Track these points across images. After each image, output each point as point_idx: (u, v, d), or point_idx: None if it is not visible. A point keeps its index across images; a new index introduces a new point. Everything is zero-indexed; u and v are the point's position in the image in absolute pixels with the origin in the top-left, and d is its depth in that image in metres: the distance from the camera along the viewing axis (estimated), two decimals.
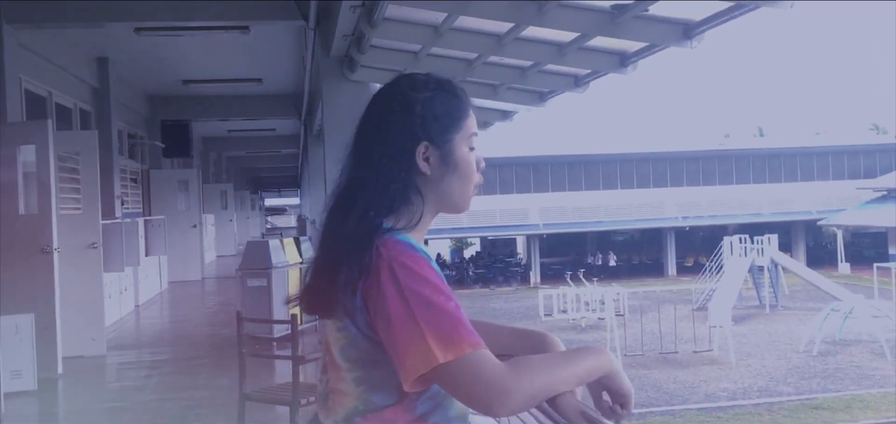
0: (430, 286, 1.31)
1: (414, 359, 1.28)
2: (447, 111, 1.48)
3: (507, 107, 8.50)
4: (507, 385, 1.27)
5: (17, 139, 6.79)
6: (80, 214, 7.75)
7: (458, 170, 1.47)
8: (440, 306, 1.29)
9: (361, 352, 1.37)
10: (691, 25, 4.91)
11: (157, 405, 5.87)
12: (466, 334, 1.29)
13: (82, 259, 7.62)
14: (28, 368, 6.20)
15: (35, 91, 8.68)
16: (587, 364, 1.40)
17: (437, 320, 1.28)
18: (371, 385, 1.37)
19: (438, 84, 1.50)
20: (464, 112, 1.50)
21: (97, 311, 7.77)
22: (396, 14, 5.59)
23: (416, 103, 1.45)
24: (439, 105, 1.47)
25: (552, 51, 5.96)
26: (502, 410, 1.29)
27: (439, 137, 1.46)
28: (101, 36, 9.52)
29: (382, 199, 1.40)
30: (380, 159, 1.42)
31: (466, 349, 1.28)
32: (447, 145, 1.46)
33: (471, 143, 1.50)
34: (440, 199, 1.48)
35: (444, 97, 1.48)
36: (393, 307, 1.30)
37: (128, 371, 7.46)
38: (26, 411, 5.86)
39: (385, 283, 1.31)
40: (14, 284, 6.51)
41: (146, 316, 11.09)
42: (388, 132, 1.44)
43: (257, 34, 9.31)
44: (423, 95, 1.47)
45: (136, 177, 13.83)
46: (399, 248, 1.35)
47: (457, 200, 1.49)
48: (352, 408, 1.39)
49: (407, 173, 1.43)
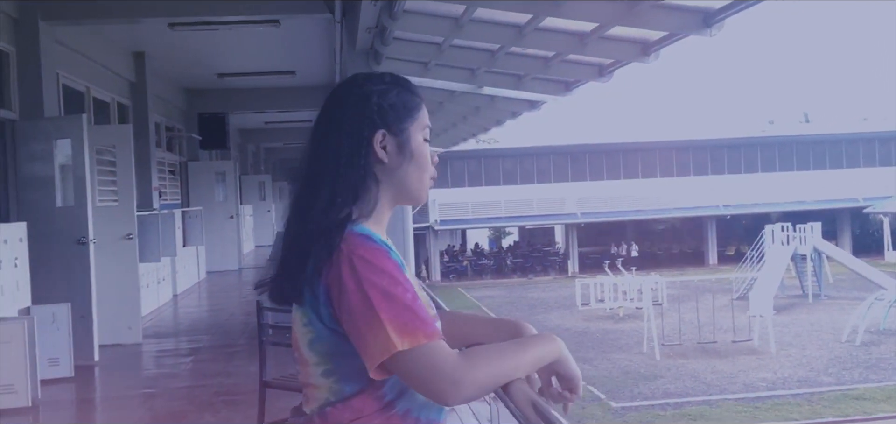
0: (387, 278, 1.36)
1: (374, 347, 1.34)
2: (402, 102, 1.53)
3: (534, 97, 8.51)
4: (458, 375, 1.33)
5: (53, 134, 7.00)
6: (116, 205, 7.96)
7: (415, 159, 1.52)
8: (398, 297, 1.35)
9: (327, 345, 1.42)
10: (711, 13, 4.88)
11: (187, 391, 6.04)
12: (422, 325, 1.35)
13: (118, 250, 7.83)
14: (64, 356, 6.41)
15: (73, 86, 8.91)
16: (537, 352, 1.45)
17: (395, 310, 1.34)
18: (339, 376, 1.43)
19: (393, 79, 1.56)
20: (417, 105, 1.55)
21: (133, 300, 7.98)
22: (416, 7, 5.65)
23: (373, 94, 1.51)
24: (394, 96, 1.52)
25: (573, 41, 5.96)
26: (455, 399, 1.36)
27: (395, 125, 1.50)
28: (137, 31, 9.73)
29: (346, 186, 1.45)
30: (339, 148, 1.47)
31: (422, 339, 1.34)
32: (404, 134, 1.51)
33: (425, 134, 1.55)
34: (397, 188, 1.52)
35: (398, 90, 1.54)
36: (353, 299, 1.35)
37: (162, 358, 7.66)
38: (62, 397, 6.07)
39: (346, 277, 1.36)
40: (52, 274, 6.72)
41: (183, 305, 11.34)
42: (346, 122, 1.49)
43: (288, 27, 9.43)
44: (378, 88, 1.52)
45: (174, 169, 14.11)
46: (358, 241, 1.40)
47: (414, 189, 1.53)
48: (324, 399, 1.45)
49: (365, 160, 1.47)
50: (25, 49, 7.25)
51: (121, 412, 5.77)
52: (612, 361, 22.16)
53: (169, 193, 13.17)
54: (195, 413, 5.37)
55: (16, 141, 7.03)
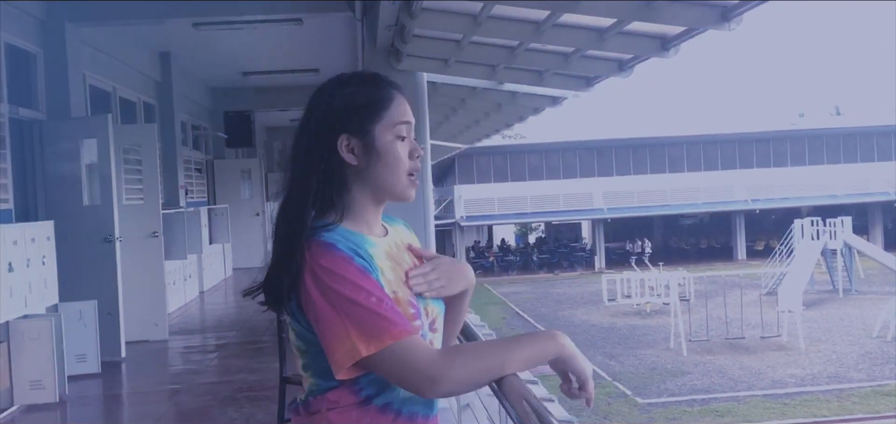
0: (349, 285, 1.39)
1: (340, 354, 1.38)
2: (366, 103, 1.52)
3: (555, 93, 8.50)
4: (435, 372, 1.36)
5: (79, 133, 7.12)
6: (142, 204, 8.08)
7: (382, 158, 1.52)
8: (360, 302, 1.38)
9: (305, 343, 1.47)
10: (729, 8, 4.85)
11: (211, 387, 6.12)
12: (388, 325, 1.37)
13: (144, 248, 7.95)
14: (92, 352, 6.53)
15: (100, 86, 9.05)
16: (530, 350, 1.45)
17: (359, 316, 1.37)
18: (314, 371, 1.48)
19: (361, 79, 1.56)
20: (385, 103, 1.54)
21: (159, 297, 8.10)
22: (435, 5, 5.67)
23: (336, 98, 1.52)
24: (360, 97, 1.52)
25: (592, 36, 5.95)
26: (432, 394, 1.39)
27: (358, 128, 1.51)
28: (162, 31, 9.85)
29: (309, 193, 1.48)
30: (304, 155, 1.50)
31: (388, 339, 1.36)
32: (368, 135, 1.51)
33: (397, 132, 1.53)
34: (372, 187, 1.53)
35: (365, 90, 1.54)
36: (319, 307, 1.39)
37: (187, 355, 7.77)
38: (90, 393, 6.18)
39: (310, 286, 1.40)
40: (79, 272, 6.84)
41: (210, 302, 11.47)
42: (312, 127, 1.52)
43: (311, 26, 9.50)
44: (344, 90, 1.53)
45: (201, 167, 14.26)
46: (320, 251, 1.42)
47: (388, 187, 1.54)
48: (308, 390, 1.51)
49: (329, 165, 1.49)
50: (52, 50, 7.38)
51: (147, 407, 5.87)
52: (639, 357, 22.05)
53: (195, 191, 13.31)
54: (218, 409, 5.44)
55: (43, 141, 7.16)
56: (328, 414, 1.46)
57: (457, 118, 12.41)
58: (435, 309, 1.58)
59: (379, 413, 1.46)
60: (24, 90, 7.20)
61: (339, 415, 1.46)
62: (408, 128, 1.56)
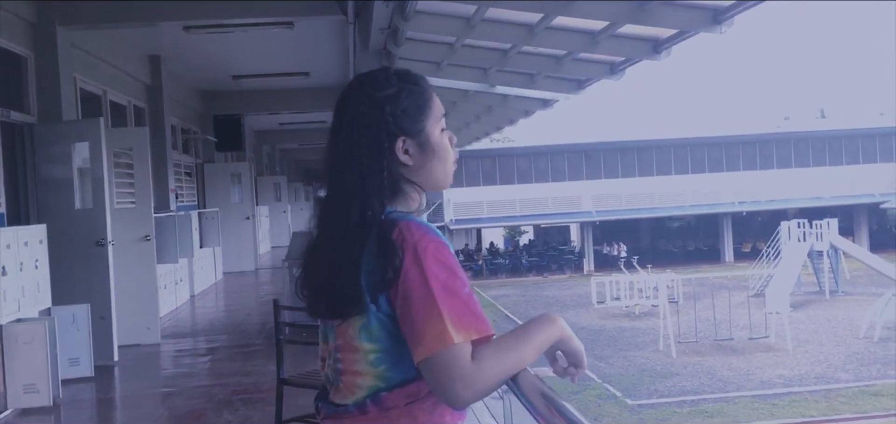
0: (448, 272, 1.41)
1: (431, 336, 1.36)
2: (414, 102, 1.54)
3: (546, 95, 8.55)
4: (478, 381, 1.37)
5: (71, 137, 7.09)
6: (133, 207, 8.06)
7: (437, 153, 1.56)
8: (457, 291, 1.39)
9: (380, 332, 1.43)
10: (720, 11, 4.91)
11: (206, 390, 6.11)
12: (477, 321, 1.39)
13: (136, 252, 7.93)
14: (85, 356, 6.51)
15: (90, 90, 9.02)
16: (541, 338, 1.48)
17: (455, 304, 1.38)
18: (391, 363, 1.44)
19: (399, 77, 1.56)
20: (428, 98, 1.57)
21: (151, 301, 8.08)
22: (428, 7, 5.70)
23: (385, 102, 1.51)
24: (405, 98, 1.53)
25: (584, 39, 5.99)
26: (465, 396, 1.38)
27: (412, 128, 1.53)
28: (152, 34, 9.83)
29: (376, 197, 1.47)
30: (362, 162, 1.48)
31: (475, 334, 1.38)
32: (422, 134, 1.54)
33: (441, 124, 1.58)
34: (424, 181, 1.56)
35: (407, 90, 1.54)
36: (415, 288, 1.38)
37: (180, 358, 7.75)
38: (83, 396, 6.16)
39: (408, 264, 1.39)
40: (71, 276, 6.82)
41: (201, 306, 11.44)
42: (365, 136, 1.49)
43: (302, 29, 9.49)
44: (387, 93, 1.52)
45: (191, 171, 14.22)
46: (422, 231, 1.44)
47: (440, 179, 1.58)
48: (372, 386, 1.45)
49: (391, 168, 1.49)
50: (43, 53, 7.35)
51: (141, 410, 5.86)
52: (629, 359, 22.13)
53: (185, 195, 13.28)
54: (214, 412, 5.44)
55: (34, 144, 7.13)
56: (409, 408, 1.44)
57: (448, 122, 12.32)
58: None
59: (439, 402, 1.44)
60: (15, 94, 7.17)
61: (418, 407, 1.45)
62: (445, 120, 1.62)
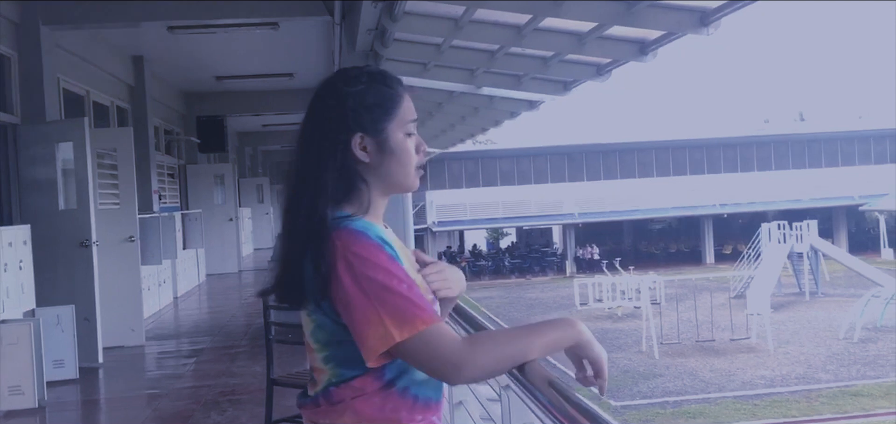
0: (382, 271, 1.42)
1: (373, 340, 1.40)
2: (379, 102, 1.55)
3: (532, 97, 8.57)
4: (460, 359, 1.39)
5: (55, 137, 7.04)
6: (117, 208, 8.01)
7: (396, 155, 1.55)
8: (393, 288, 1.41)
9: (328, 334, 1.49)
10: (708, 12, 4.95)
11: (191, 391, 6.08)
12: (420, 312, 1.41)
13: (121, 253, 7.88)
14: (69, 357, 6.46)
15: (73, 90, 8.95)
16: (550, 337, 1.48)
17: (392, 302, 1.40)
18: (339, 361, 1.49)
19: (371, 76, 1.58)
20: (396, 101, 1.57)
21: (136, 303, 8.03)
22: (417, 8, 5.70)
23: (349, 97, 1.53)
24: (371, 96, 1.54)
25: (572, 41, 6.02)
26: (458, 380, 1.45)
27: (372, 126, 1.54)
28: (136, 35, 9.77)
29: (326, 190, 1.50)
30: (318, 153, 1.51)
31: (420, 325, 1.40)
32: (381, 134, 1.54)
33: (407, 129, 1.57)
34: (384, 183, 1.56)
35: (376, 89, 1.56)
36: (351, 294, 1.41)
37: (165, 360, 7.71)
38: (68, 398, 6.11)
39: (342, 273, 1.42)
40: (55, 277, 6.77)
41: (184, 308, 11.38)
42: (323, 127, 1.53)
43: (287, 30, 9.47)
44: (355, 89, 1.54)
45: (174, 172, 14.14)
46: (352, 237, 1.45)
47: (399, 182, 1.57)
48: (326, 380, 1.52)
49: (344, 162, 1.52)
50: (27, 53, 7.30)
51: (128, 412, 5.82)
52: (612, 360, 22.06)
53: (168, 196, 13.19)
54: (202, 412, 5.41)
55: (17, 145, 7.07)
56: (353, 402, 1.48)
57: (432, 122, 12.44)
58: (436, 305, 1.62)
59: (399, 396, 1.48)
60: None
61: (364, 402, 1.48)
62: (415, 125, 1.60)
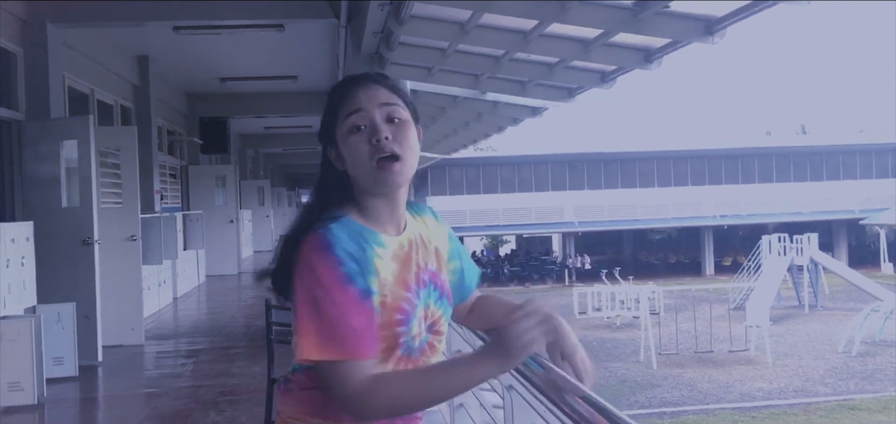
0: (322, 290, 1.43)
1: (300, 348, 1.45)
2: (329, 112, 1.59)
3: (537, 103, 8.58)
4: (357, 400, 1.42)
5: (59, 134, 7.04)
6: (120, 207, 8.00)
7: (348, 159, 1.55)
8: (325, 311, 1.42)
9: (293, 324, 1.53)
10: (713, 21, 4.96)
11: (191, 391, 6.07)
12: (338, 344, 1.42)
13: (122, 252, 7.87)
14: (69, 355, 6.45)
15: (78, 88, 8.95)
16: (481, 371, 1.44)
17: (320, 323, 1.42)
18: (296, 354, 1.53)
19: (333, 87, 1.63)
20: (335, 104, 1.58)
21: (136, 302, 8.02)
22: (423, 12, 5.71)
23: (324, 111, 1.60)
24: (327, 107, 1.59)
25: (577, 47, 6.03)
26: (353, 416, 1.47)
27: (329, 138, 1.58)
28: (141, 35, 9.78)
29: (317, 194, 1.59)
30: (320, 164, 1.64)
31: (333, 355, 1.42)
32: (337, 141, 1.57)
33: (348, 126, 1.54)
34: (359, 185, 1.56)
35: (329, 99, 1.60)
36: (297, 299, 1.46)
37: (164, 359, 7.70)
38: (68, 396, 6.10)
39: (296, 277, 1.47)
40: (56, 274, 6.75)
41: (183, 308, 11.37)
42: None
43: (292, 32, 9.48)
44: (328, 101, 1.60)
45: (175, 172, 14.14)
46: (314, 247, 1.46)
47: (362, 183, 1.55)
48: (293, 366, 1.59)
49: (329, 172, 1.59)
50: (33, 50, 7.30)
51: (127, 410, 5.82)
52: (610, 370, 22.20)
53: (169, 196, 13.19)
54: (201, 412, 5.40)
55: (21, 141, 7.07)
56: (299, 392, 1.55)
57: (435, 128, 12.45)
58: (437, 311, 1.59)
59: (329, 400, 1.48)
60: (4, 90, 7.11)
61: (304, 394, 1.54)
62: (360, 116, 1.54)
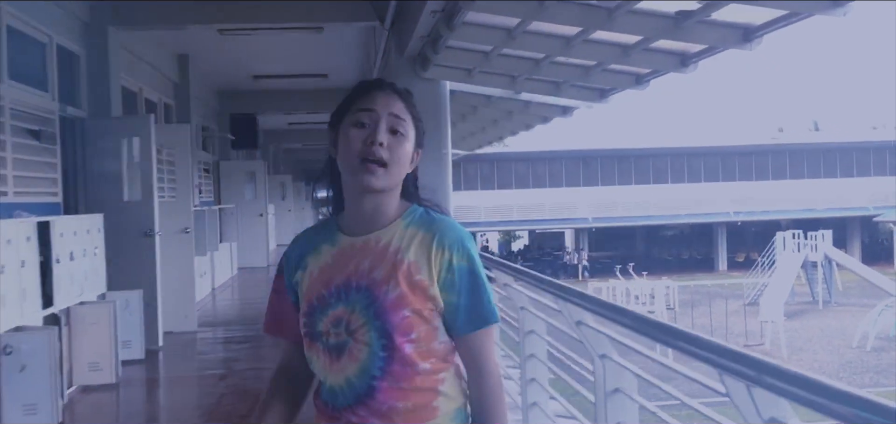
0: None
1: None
2: (346, 101, 1.64)
3: (569, 103, 8.91)
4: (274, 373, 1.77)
5: (123, 132, 7.45)
6: (174, 201, 8.41)
7: (343, 146, 1.60)
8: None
9: None
10: (751, 29, 5.29)
11: (255, 373, 6.47)
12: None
13: (176, 243, 8.28)
14: (137, 339, 6.86)
15: (128, 87, 9.36)
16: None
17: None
18: None
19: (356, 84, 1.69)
20: (354, 96, 1.63)
21: (189, 290, 8.44)
22: (475, 18, 6.05)
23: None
24: (344, 99, 1.65)
25: (617, 51, 6.36)
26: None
27: (335, 122, 1.64)
28: (184, 35, 10.15)
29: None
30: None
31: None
32: (337, 128, 1.64)
33: (355, 119, 1.59)
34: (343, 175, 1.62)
35: (350, 92, 1.66)
36: None
37: (219, 345, 8.13)
38: (139, 376, 6.52)
39: None
40: (120, 264, 7.16)
41: (222, 298, 11.79)
42: None
43: (329, 32, 9.83)
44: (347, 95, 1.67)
45: (209, 167, 14.54)
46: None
47: (344, 172, 1.61)
48: None
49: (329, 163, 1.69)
50: (94, 52, 7.70)
51: (203, 388, 6.24)
52: None
53: (204, 191, 13.60)
54: None
55: (85, 138, 7.47)
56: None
57: (464, 126, 12.79)
58: (359, 319, 1.57)
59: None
60: (69, 90, 7.51)
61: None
62: (368, 115, 1.58)
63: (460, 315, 1.59)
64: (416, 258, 1.57)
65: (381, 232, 1.60)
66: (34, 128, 6.27)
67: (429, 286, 1.56)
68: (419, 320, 1.56)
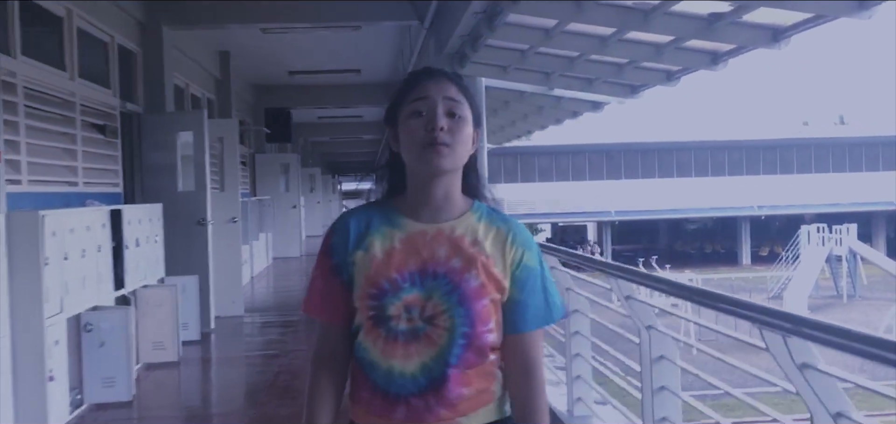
0: (317, 256, 1.74)
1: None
2: (398, 95, 1.71)
3: (601, 98, 9.20)
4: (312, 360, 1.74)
5: (177, 126, 7.87)
6: (222, 192, 8.82)
7: (403, 137, 1.66)
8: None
9: None
10: (780, 30, 5.58)
11: (305, 354, 6.86)
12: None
13: (225, 232, 8.69)
14: (193, 321, 7.29)
15: (177, 83, 9.78)
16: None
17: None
18: None
19: (405, 77, 1.76)
20: (406, 89, 1.69)
21: (236, 277, 8.86)
22: (515, 19, 6.37)
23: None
24: (396, 93, 1.72)
25: (650, 50, 6.66)
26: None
27: (390, 118, 1.71)
28: (226, 33, 10.56)
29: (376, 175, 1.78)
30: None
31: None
32: (397, 122, 1.69)
33: (412, 109, 1.65)
34: (408, 166, 1.68)
35: (400, 87, 1.72)
36: None
37: (267, 328, 8.56)
38: (197, 356, 6.94)
39: None
40: (176, 251, 7.58)
41: (260, 286, 12.21)
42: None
43: (367, 29, 10.18)
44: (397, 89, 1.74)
45: (245, 160, 14.98)
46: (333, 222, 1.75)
47: (410, 161, 1.67)
48: None
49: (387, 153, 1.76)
50: (149, 50, 8.13)
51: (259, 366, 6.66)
52: None
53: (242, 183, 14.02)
54: None
55: (141, 132, 7.90)
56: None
57: (494, 120, 13.10)
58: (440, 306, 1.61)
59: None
60: (127, 86, 7.94)
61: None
62: (424, 103, 1.64)
63: (525, 312, 1.66)
64: (492, 252, 1.64)
65: (455, 222, 1.65)
66: (99, 123, 6.70)
67: (502, 278, 1.64)
68: (495, 310, 1.64)
